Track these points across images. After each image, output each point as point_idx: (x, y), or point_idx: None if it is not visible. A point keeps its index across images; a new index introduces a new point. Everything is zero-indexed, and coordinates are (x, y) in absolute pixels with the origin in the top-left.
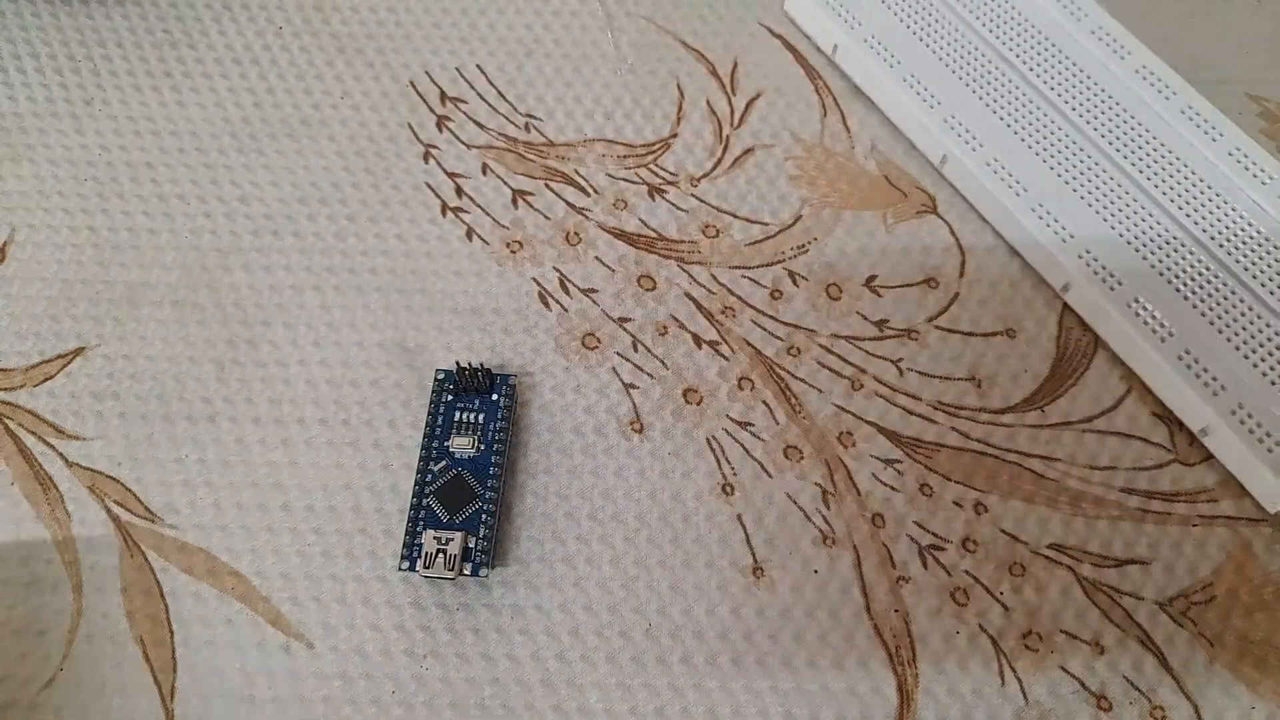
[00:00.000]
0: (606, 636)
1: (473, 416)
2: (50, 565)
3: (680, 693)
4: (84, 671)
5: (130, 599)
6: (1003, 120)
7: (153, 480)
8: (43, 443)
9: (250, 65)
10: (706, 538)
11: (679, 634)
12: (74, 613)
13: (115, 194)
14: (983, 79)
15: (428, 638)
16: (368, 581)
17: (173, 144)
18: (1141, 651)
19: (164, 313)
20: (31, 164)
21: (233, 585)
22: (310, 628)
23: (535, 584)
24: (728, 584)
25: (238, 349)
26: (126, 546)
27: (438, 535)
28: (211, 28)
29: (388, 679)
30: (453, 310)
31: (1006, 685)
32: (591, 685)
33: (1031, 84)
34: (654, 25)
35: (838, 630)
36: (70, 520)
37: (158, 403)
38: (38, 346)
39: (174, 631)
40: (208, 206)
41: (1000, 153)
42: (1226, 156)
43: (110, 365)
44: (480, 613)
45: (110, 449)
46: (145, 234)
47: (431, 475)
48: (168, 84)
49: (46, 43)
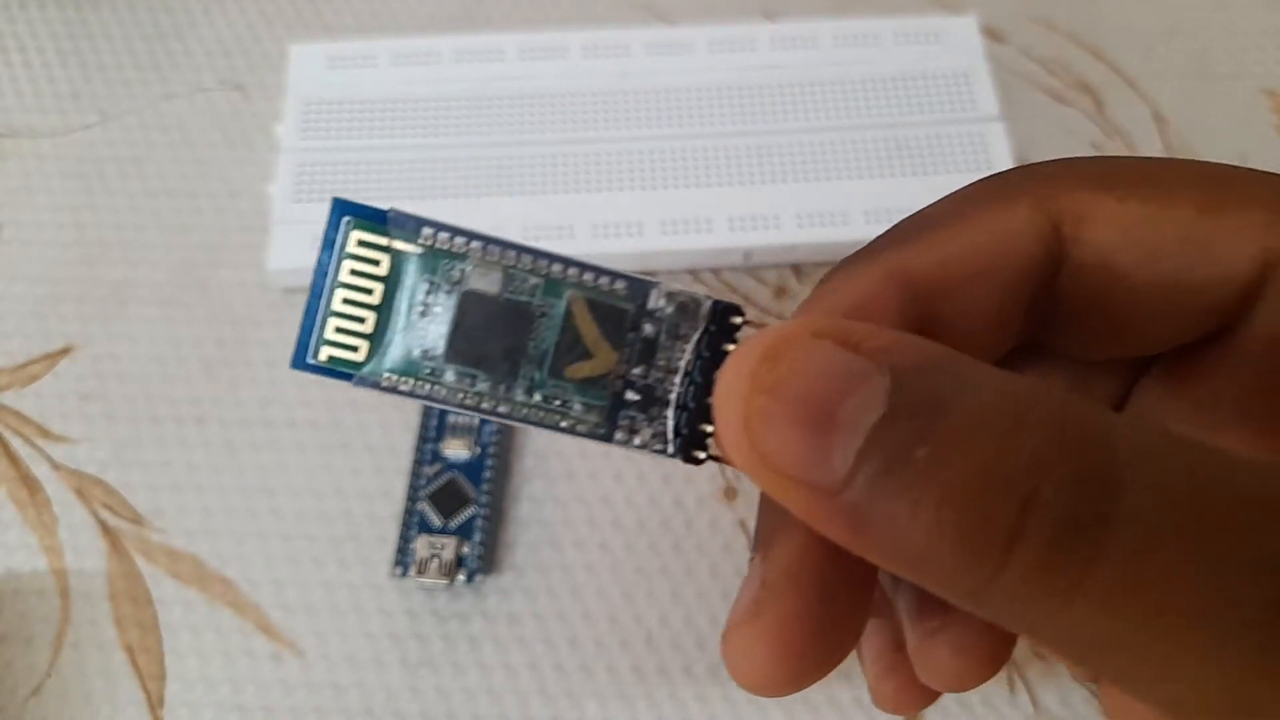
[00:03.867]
0: (606, 646)
1: (467, 419)
2: (36, 571)
3: (682, 704)
4: (71, 679)
5: (118, 605)
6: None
7: (140, 483)
8: (29, 444)
9: (240, 58)
10: (709, 544)
11: (681, 643)
12: (60, 619)
13: (102, 190)
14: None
15: (421, 646)
16: (359, 588)
17: (161, 140)
18: None
19: (152, 312)
20: (18, 160)
21: (222, 591)
22: (301, 635)
23: (532, 592)
24: (731, 592)
25: (227, 348)
26: (114, 551)
27: (431, 541)
28: (201, 20)
29: (380, 688)
30: None
31: (1016, 694)
32: (590, 696)
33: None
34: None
35: None
36: (57, 524)
37: (145, 404)
38: (24, 346)
39: (162, 638)
40: (196, 202)
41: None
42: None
43: (98, 365)
44: (475, 621)
45: (97, 451)
46: (133, 231)
47: (425, 479)
48: (156, 78)
49: (34, 36)
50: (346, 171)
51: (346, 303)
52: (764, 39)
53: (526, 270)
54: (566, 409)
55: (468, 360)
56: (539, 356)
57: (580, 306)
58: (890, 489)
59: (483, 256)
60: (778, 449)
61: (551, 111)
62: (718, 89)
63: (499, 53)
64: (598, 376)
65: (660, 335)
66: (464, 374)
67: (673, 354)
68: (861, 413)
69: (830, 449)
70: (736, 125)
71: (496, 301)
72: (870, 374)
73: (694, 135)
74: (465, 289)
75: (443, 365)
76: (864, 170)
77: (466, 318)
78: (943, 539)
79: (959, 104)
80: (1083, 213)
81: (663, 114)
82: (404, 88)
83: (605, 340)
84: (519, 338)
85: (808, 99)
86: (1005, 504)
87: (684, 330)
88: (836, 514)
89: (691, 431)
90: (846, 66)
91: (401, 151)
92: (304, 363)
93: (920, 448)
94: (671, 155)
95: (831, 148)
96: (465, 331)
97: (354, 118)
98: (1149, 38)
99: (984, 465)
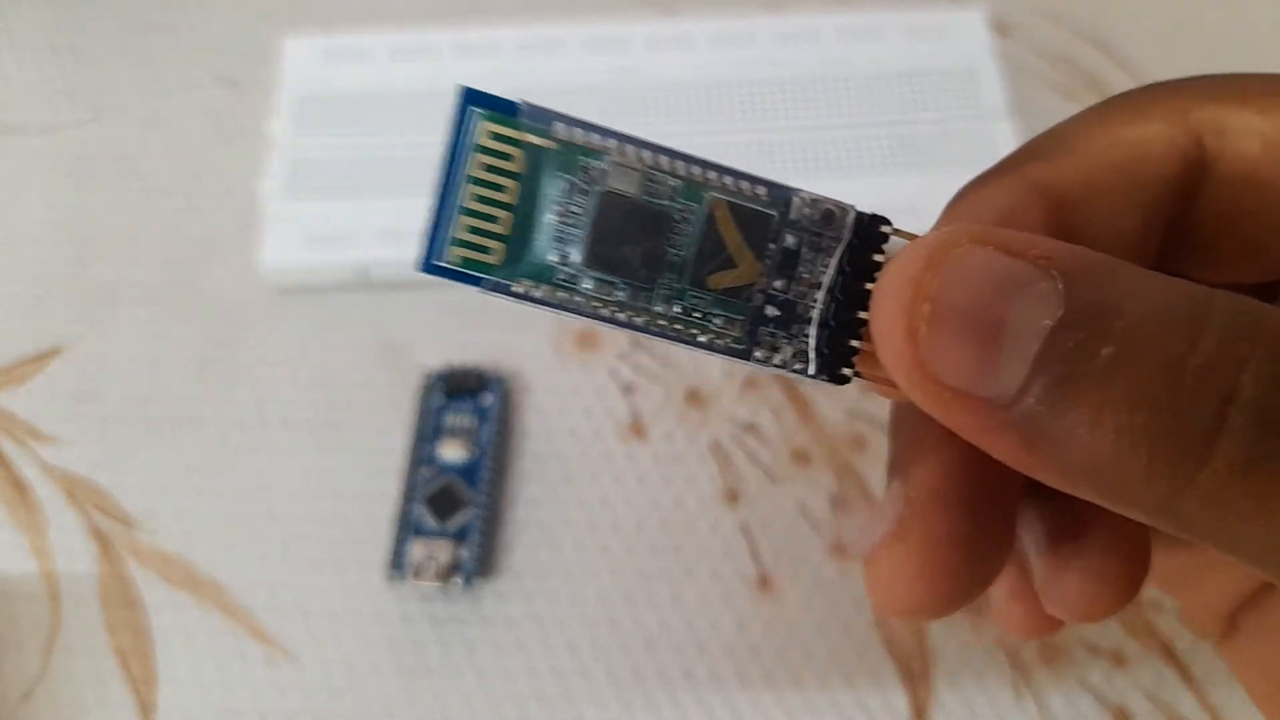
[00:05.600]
0: (605, 650)
1: (463, 420)
2: (27, 574)
3: (682, 708)
4: (62, 684)
5: (109, 609)
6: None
7: (132, 485)
8: (19, 445)
9: (233, 53)
10: (710, 547)
11: (681, 647)
12: (51, 624)
13: (94, 188)
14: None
15: (417, 651)
16: (354, 592)
17: (153, 137)
18: (1163, 664)
19: (144, 311)
20: (8, 157)
21: (214, 595)
22: (295, 640)
23: (530, 595)
24: (732, 596)
25: (220, 348)
26: (105, 554)
27: (427, 544)
28: (196, 15)
29: (375, 694)
30: (443, 309)
31: (1022, 700)
32: (589, 701)
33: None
34: None
35: (848, 645)
36: (48, 526)
37: (137, 404)
38: (14, 346)
39: (154, 643)
40: (190, 200)
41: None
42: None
43: (89, 365)
44: (472, 625)
45: (88, 452)
46: (124, 229)
47: (421, 481)
48: (148, 74)
49: (25, 31)
50: (341, 168)
51: (479, 200)
52: (766, 34)
53: (665, 171)
54: (706, 322)
55: (607, 267)
56: (679, 264)
57: (723, 210)
58: (1070, 396)
59: (620, 154)
60: (943, 360)
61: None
62: (719, 85)
63: (497, 47)
64: (740, 287)
65: (802, 247)
66: (603, 281)
67: (815, 267)
68: (1033, 319)
69: (999, 358)
70: (738, 122)
71: (635, 203)
72: (1038, 278)
73: (695, 132)
74: (603, 189)
75: (581, 271)
76: (868, 168)
77: (605, 220)
78: (1134, 445)
79: (965, 100)
80: (1223, 126)
81: (664, 110)
82: (401, 83)
83: (749, 248)
84: (658, 243)
85: (811, 95)
86: (1203, 401)
87: (826, 242)
88: (1007, 428)
89: (834, 349)
90: (850, 62)
91: (398, 149)
92: (431, 264)
93: (1104, 348)
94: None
95: (835, 145)
96: (604, 235)
97: (349, 113)
98: (1158, 33)
99: (1174, 362)
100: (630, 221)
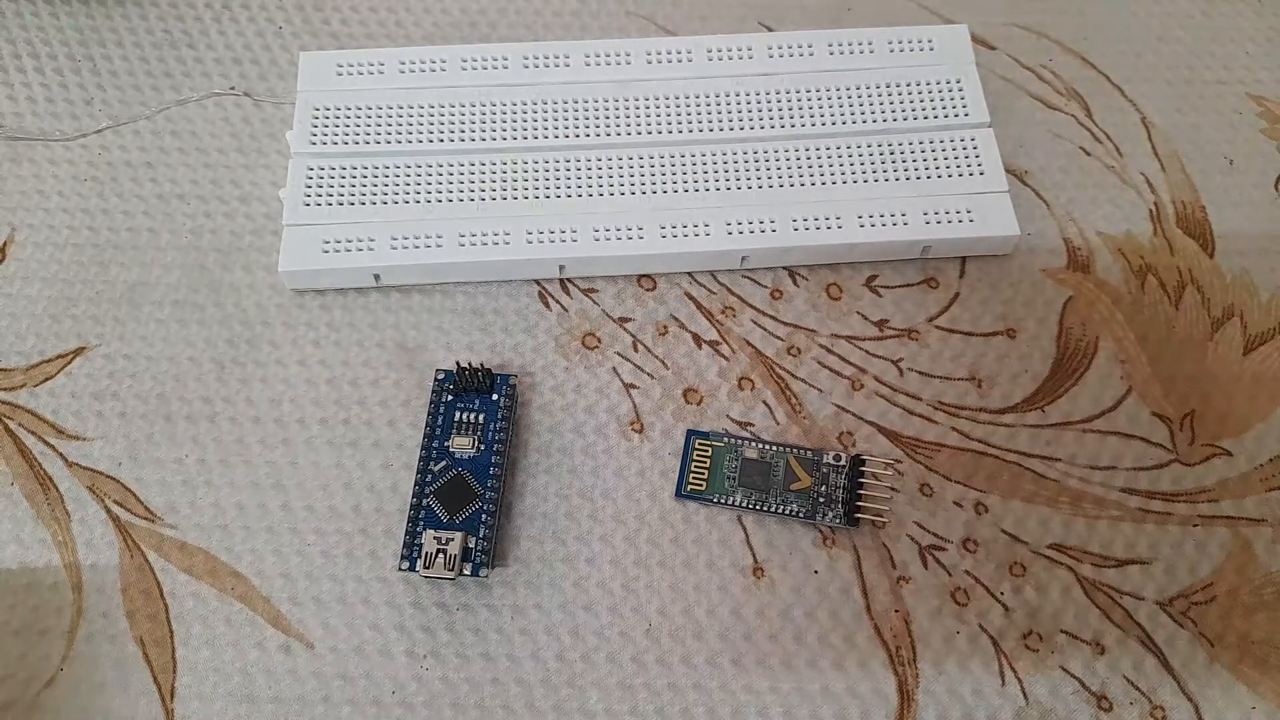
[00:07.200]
0: (607, 636)
1: (473, 416)
2: (50, 565)
3: (681, 693)
4: (84, 671)
5: (130, 599)
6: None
7: (153, 480)
8: (42, 442)
9: (250, 65)
10: (707, 538)
11: (679, 634)
12: (74, 613)
13: (115, 193)
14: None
15: (428, 638)
16: (368, 581)
17: (173, 144)
18: (1142, 651)
19: (164, 312)
20: (31, 164)
21: (232, 585)
22: (310, 628)
23: (535, 584)
24: (728, 584)
25: (238, 348)
26: (126, 546)
27: (438, 535)
28: (211, 27)
29: (388, 679)
30: (453, 310)
31: (1007, 685)
32: (592, 685)
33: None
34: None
35: (838, 631)
36: (70, 520)
37: (158, 402)
38: (38, 346)
39: (174, 631)
40: (208, 206)
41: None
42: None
43: (110, 365)
44: (480, 613)
45: (110, 449)
46: (145, 233)
47: (431, 475)
48: (168, 84)
49: (46, 42)
50: (354, 177)
51: (697, 467)
52: (761, 48)
53: (768, 445)
54: (789, 505)
55: (746, 486)
56: (776, 484)
57: (793, 461)
58: None
59: (748, 444)
60: None
61: (554, 119)
62: (716, 96)
63: (503, 61)
64: (805, 489)
65: (829, 472)
66: (745, 493)
67: (836, 479)
68: None
69: None
70: (734, 132)
71: (757, 462)
72: None
73: (692, 141)
74: (743, 457)
75: (734, 490)
76: (858, 175)
77: (744, 469)
78: None
79: (950, 110)
80: None
81: (662, 121)
82: (410, 95)
83: (806, 473)
84: (766, 478)
85: (803, 106)
86: None
87: (839, 468)
88: None
89: (848, 512)
90: (840, 74)
91: (407, 157)
92: (681, 493)
93: None
94: (670, 161)
95: (826, 153)
96: (745, 474)
97: (361, 124)
98: (1137, 44)
99: None
100: (755, 468)
